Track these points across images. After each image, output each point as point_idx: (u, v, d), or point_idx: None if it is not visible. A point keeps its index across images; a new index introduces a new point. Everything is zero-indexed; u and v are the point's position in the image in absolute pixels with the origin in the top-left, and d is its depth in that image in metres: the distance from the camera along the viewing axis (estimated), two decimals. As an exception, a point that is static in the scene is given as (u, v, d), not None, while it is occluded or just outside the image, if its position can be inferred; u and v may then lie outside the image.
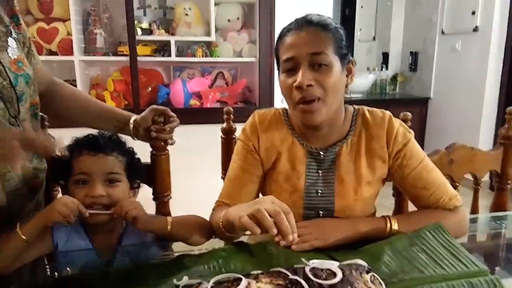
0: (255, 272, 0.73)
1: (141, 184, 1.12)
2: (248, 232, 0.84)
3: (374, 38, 5.09)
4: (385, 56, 4.86)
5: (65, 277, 0.85)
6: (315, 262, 0.75)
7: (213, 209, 1.07)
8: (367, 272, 0.73)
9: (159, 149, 1.16)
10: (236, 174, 1.07)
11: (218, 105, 2.66)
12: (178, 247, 0.99)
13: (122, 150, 1.03)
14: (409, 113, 1.22)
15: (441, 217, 0.98)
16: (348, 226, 0.97)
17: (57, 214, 0.85)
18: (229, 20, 2.62)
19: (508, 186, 1.37)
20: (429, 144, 4.20)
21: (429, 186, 1.01)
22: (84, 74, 2.51)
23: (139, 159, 1.10)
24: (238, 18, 2.63)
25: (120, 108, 2.51)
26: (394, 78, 4.73)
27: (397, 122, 1.04)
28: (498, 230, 1.16)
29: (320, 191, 1.04)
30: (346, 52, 0.98)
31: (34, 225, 0.86)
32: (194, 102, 2.62)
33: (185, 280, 0.77)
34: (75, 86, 2.43)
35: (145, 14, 2.58)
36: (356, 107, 1.07)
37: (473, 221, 1.22)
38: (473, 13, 3.73)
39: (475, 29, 3.73)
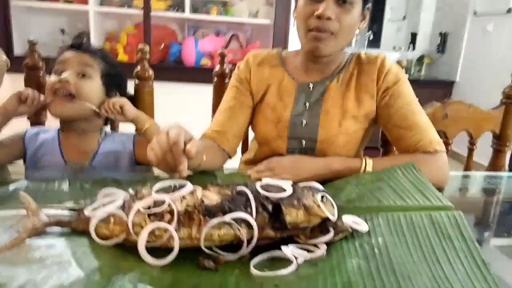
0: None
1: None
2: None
3: (404, 18, 4.90)
4: (414, 36, 4.68)
5: (38, 181, 0.85)
6: (269, 180, 0.73)
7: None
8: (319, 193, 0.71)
9: (143, 79, 1.15)
10: (228, 104, 1.09)
11: (230, 66, 2.64)
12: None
13: (104, 59, 1.06)
14: (404, 61, 1.18)
15: (419, 161, 0.92)
16: (322, 164, 0.96)
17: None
18: (246, -20, 2.58)
19: (507, 148, 1.29)
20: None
21: (412, 128, 0.98)
22: (99, 26, 2.53)
23: (122, 73, 1.11)
24: (255, -22, 2.59)
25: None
26: (420, 59, 4.56)
27: (391, 63, 1.04)
28: (490, 187, 1.10)
29: (305, 122, 1.04)
30: None
31: None
32: (206, 62, 2.61)
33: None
34: (89, 38, 2.46)
35: (162, -31, 2.57)
36: (355, 52, 1.09)
37: (466, 177, 1.18)
38: (508, -7, 3.53)
39: (509, 11, 3.53)
